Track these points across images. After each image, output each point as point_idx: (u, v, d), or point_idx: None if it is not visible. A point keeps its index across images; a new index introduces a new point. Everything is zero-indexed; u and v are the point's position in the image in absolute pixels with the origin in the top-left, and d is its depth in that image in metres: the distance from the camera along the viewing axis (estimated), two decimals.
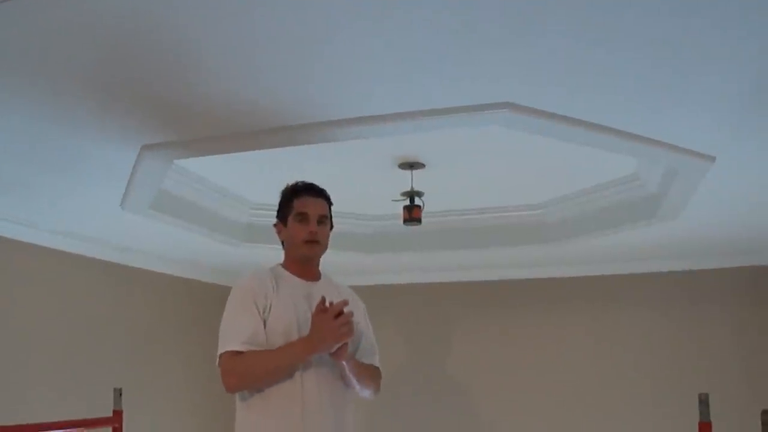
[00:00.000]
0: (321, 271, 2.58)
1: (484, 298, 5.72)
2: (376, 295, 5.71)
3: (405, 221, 3.90)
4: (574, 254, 4.96)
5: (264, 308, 2.33)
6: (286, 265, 2.51)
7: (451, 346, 5.77)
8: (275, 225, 2.57)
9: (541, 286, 5.55)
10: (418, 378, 5.79)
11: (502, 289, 5.66)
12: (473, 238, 4.78)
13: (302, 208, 2.50)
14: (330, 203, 2.57)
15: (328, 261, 2.63)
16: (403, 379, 5.75)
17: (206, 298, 5.41)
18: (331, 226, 2.58)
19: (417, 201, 3.94)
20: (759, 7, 1.92)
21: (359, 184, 4.09)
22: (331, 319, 2.25)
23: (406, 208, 3.90)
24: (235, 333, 2.30)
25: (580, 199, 4.26)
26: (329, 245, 2.57)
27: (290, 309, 2.37)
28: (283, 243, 2.55)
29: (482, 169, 3.87)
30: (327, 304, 2.31)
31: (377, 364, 2.55)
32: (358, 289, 2.72)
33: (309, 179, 2.64)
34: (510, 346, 5.61)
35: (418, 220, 3.90)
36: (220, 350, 2.31)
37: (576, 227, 4.41)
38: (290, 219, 2.50)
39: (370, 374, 2.49)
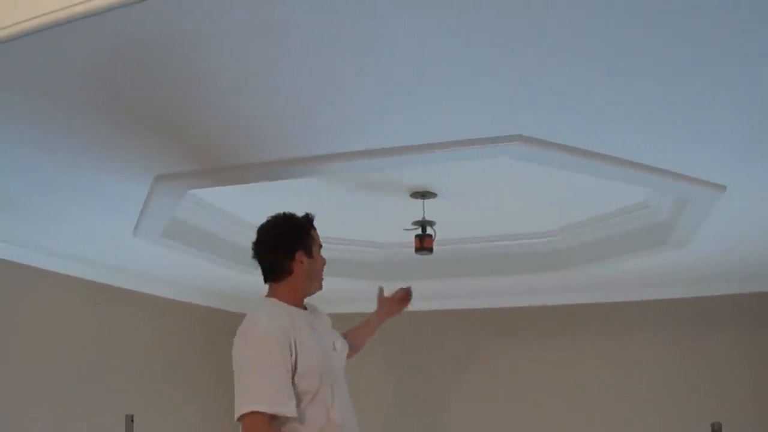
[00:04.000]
0: None
1: (493, 325, 5.70)
2: (384, 323, 5.74)
3: (417, 250, 3.89)
4: (584, 281, 4.95)
5: (291, 350, 2.26)
6: (283, 298, 2.43)
7: (460, 374, 5.74)
8: (293, 255, 2.44)
9: (551, 313, 5.53)
10: (425, 405, 5.76)
11: (511, 316, 5.64)
12: (484, 266, 4.79)
13: (320, 240, 2.54)
14: None
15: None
16: (409, 405, 5.74)
17: (217, 325, 5.41)
18: None
19: (429, 230, 3.94)
20: None
21: (371, 212, 4.10)
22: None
23: (417, 237, 3.90)
24: (263, 392, 2.21)
25: (591, 226, 4.26)
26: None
27: (314, 342, 2.35)
28: (288, 275, 2.45)
29: (493, 198, 3.88)
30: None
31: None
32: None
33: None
34: (518, 373, 5.58)
35: (430, 250, 3.89)
36: (245, 408, 2.19)
37: (586, 254, 4.41)
38: (315, 250, 2.50)
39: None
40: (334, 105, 2.42)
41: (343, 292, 4.60)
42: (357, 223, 4.36)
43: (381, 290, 3.12)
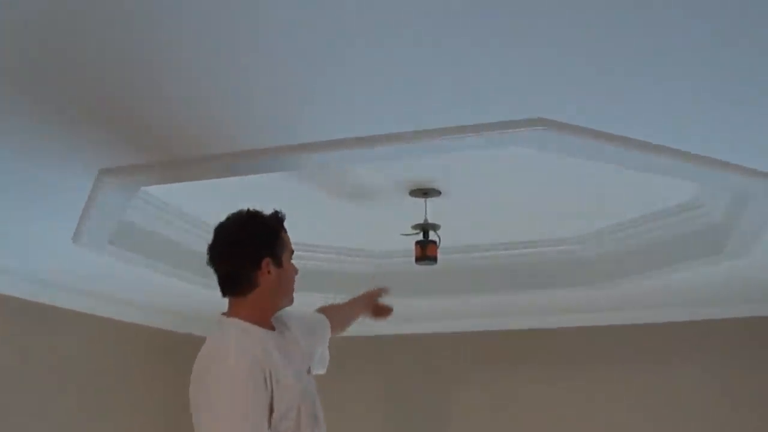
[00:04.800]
0: None
1: (508, 351, 5.72)
2: (373, 349, 5.79)
3: (418, 260, 3.88)
4: (618, 298, 4.95)
5: (267, 386, 2.21)
6: (248, 318, 2.36)
7: (466, 408, 5.75)
8: (259, 263, 2.37)
9: (578, 337, 5.55)
10: None
11: (530, 340, 5.66)
12: (497, 280, 4.80)
13: (291, 245, 2.50)
14: None
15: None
16: None
17: (177, 352, 5.37)
18: None
19: (432, 235, 3.92)
20: None
21: (362, 215, 4.09)
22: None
23: (418, 243, 3.88)
24: None
25: (627, 231, 4.25)
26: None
27: (290, 374, 2.31)
28: (252, 288, 2.38)
29: (508, 197, 3.89)
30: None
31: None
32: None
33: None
34: (538, 409, 5.59)
35: (434, 259, 3.88)
36: None
37: (621, 266, 4.41)
38: (285, 257, 2.44)
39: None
40: (317, 84, 2.39)
41: None
42: (345, 228, 4.36)
43: (382, 292, 3.24)
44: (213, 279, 2.45)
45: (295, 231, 2.58)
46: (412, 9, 1.98)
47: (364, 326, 5.19)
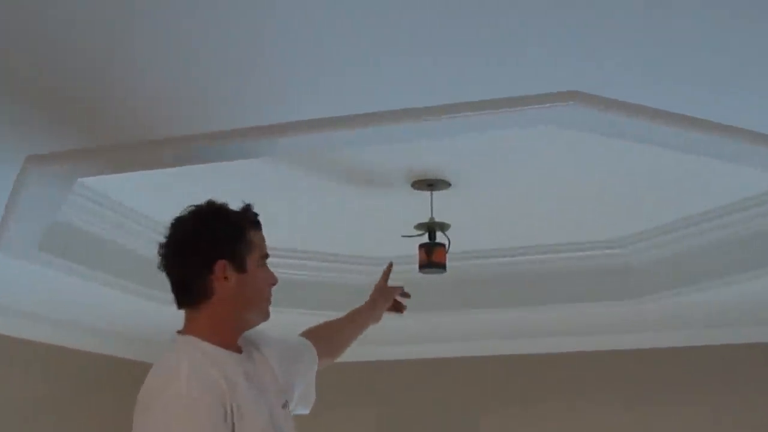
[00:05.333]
0: None
1: (531, 381, 5.77)
2: (366, 376, 5.85)
3: (422, 267, 3.89)
4: (671, 315, 4.98)
5: (227, 420, 2.17)
6: (205, 335, 2.34)
7: None
8: (211, 267, 2.34)
9: (621, 363, 5.59)
10: None
11: (559, 367, 5.71)
12: (518, 292, 4.84)
13: (265, 248, 2.48)
14: None
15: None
16: None
17: (127, 384, 5.35)
18: None
19: (440, 237, 3.93)
20: None
21: (353, 212, 4.11)
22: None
23: (423, 247, 3.89)
24: None
25: (682, 232, 4.25)
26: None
27: (257, 406, 2.29)
28: (206, 297, 2.35)
29: (533, 190, 3.91)
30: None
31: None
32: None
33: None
34: None
35: (442, 266, 3.89)
36: None
37: (675, 275, 4.42)
38: (250, 261, 2.41)
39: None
40: (296, 49, 2.38)
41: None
42: (332, 229, 4.39)
43: (390, 267, 3.32)
44: (164, 292, 2.42)
45: (271, 233, 2.57)
46: None
47: (356, 350, 5.25)
